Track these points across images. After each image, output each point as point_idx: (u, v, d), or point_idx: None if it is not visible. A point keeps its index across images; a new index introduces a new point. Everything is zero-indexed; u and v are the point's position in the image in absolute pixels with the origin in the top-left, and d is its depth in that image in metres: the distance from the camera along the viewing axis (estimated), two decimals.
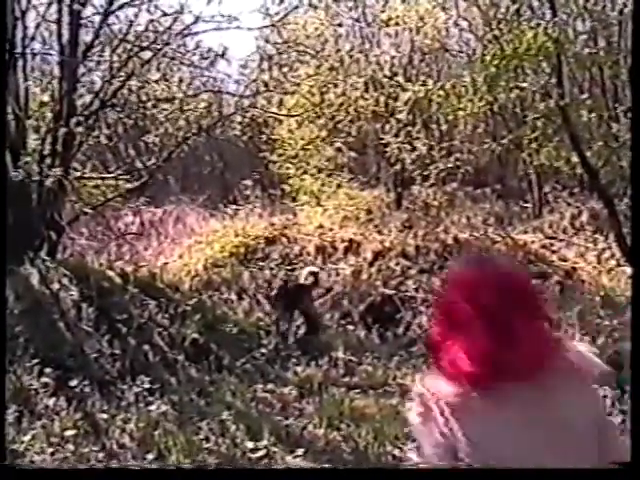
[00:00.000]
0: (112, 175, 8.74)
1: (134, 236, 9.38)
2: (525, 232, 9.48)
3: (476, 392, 1.54)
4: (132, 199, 9.04)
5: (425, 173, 10.79)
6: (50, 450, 4.15)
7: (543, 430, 1.54)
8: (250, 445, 4.45)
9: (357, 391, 5.39)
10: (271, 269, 8.32)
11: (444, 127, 11.71)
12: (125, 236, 9.14)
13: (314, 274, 6.69)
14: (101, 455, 4.22)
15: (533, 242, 8.89)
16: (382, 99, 11.09)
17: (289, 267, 8.22)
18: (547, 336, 1.60)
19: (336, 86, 10.99)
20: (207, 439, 4.57)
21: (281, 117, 10.52)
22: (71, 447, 4.22)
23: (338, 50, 11.33)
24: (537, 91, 7.96)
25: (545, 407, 1.54)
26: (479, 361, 1.53)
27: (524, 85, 7.96)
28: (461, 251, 8.25)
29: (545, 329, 1.61)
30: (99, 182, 8.54)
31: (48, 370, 5.09)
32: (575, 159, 7.60)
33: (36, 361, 5.16)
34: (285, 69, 11.41)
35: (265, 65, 12.02)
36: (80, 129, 7.31)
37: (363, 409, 5.07)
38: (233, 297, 7.74)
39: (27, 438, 4.22)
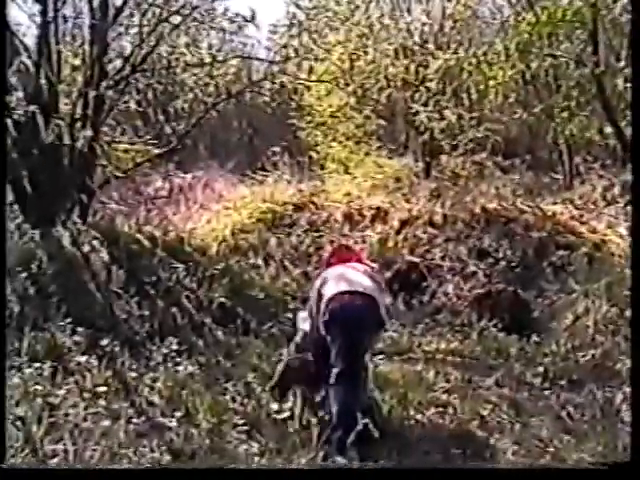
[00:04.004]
0: (142, 140, 8.80)
1: (163, 201, 9.47)
2: (554, 203, 9.37)
3: None
4: (161, 164, 9.11)
5: (454, 142, 10.71)
6: (83, 405, 4.28)
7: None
8: (275, 407, 4.54)
9: (381, 357, 5.44)
10: (298, 236, 8.36)
11: (474, 96, 11.52)
12: (154, 201, 9.23)
13: None
14: (131, 411, 4.34)
15: (562, 213, 8.79)
16: (412, 67, 10.96)
17: (316, 234, 8.26)
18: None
19: (366, 53, 10.90)
20: (233, 400, 4.67)
21: (310, 84, 10.46)
22: (102, 403, 4.35)
23: (368, 17, 11.19)
24: (571, 59, 7.81)
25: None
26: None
27: (557, 53, 7.82)
28: (489, 220, 8.22)
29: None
30: (129, 147, 8.61)
31: (80, 329, 5.23)
32: (608, 130, 7.47)
33: (68, 320, 5.29)
34: (315, 35, 11.33)
35: (295, 31, 11.94)
36: (110, 93, 7.36)
37: (387, 374, 5.12)
38: (260, 262, 7.80)
39: (62, 392, 4.36)
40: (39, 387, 4.40)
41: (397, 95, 11.49)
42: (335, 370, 4.23)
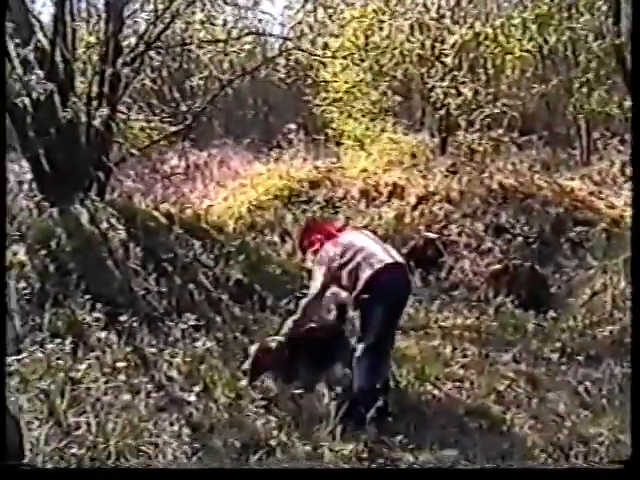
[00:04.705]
0: (157, 117, 8.80)
1: (179, 178, 9.50)
2: (572, 179, 9.30)
3: None
4: (177, 142, 9.12)
5: (470, 118, 10.60)
6: (103, 379, 4.35)
7: None
8: None
9: (398, 332, 5.44)
10: (314, 212, 8.37)
11: (491, 71, 11.39)
12: (171, 178, 9.26)
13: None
14: (150, 386, 4.40)
15: (580, 189, 8.72)
16: (428, 42, 10.83)
17: (332, 210, 8.26)
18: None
19: (381, 29, 10.78)
20: None
21: (325, 60, 10.38)
22: (122, 377, 4.42)
23: None
24: (591, 31, 7.68)
25: None
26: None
27: (577, 25, 7.70)
28: (506, 197, 8.18)
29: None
30: (145, 124, 8.62)
31: (99, 305, 5.29)
32: (628, 103, 7.37)
33: (88, 297, 5.36)
34: (330, 11, 11.22)
35: (309, 7, 11.82)
36: (126, 71, 7.36)
37: (404, 350, 5.15)
38: (276, 239, 7.83)
39: (83, 367, 4.42)
40: (61, 362, 4.48)
41: (413, 71, 11.37)
42: (362, 345, 4.19)
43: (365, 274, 4.19)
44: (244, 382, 4.41)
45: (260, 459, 3.74)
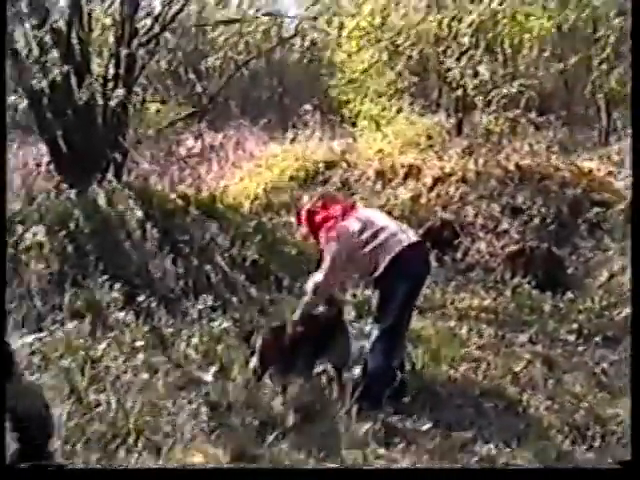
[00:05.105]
0: (173, 99, 8.82)
1: (195, 160, 9.51)
2: (590, 160, 9.20)
3: None
4: (193, 123, 9.12)
5: (487, 99, 10.50)
6: (122, 358, 4.40)
7: None
8: None
9: (414, 313, 5.44)
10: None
11: (508, 51, 11.26)
12: (187, 160, 9.28)
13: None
14: (168, 365, 4.45)
15: (599, 170, 8.63)
16: (445, 22, 10.72)
17: (348, 191, 8.24)
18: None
19: (398, 8, 10.68)
20: None
21: (341, 41, 10.32)
22: (141, 356, 4.47)
23: None
24: (611, 8, 7.56)
25: None
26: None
27: (597, 3, 7.58)
28: (523, 178, 8.11)
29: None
30: (160, 106, 8.65)
31: (117, 286, 5.35)
32: None
33: (106, 277, 5.41)
34: None
35: None
36: (141, 52, 7.38)
37: (420, 331, 5.15)
38: (292, 220, 7.82)
39: (102, 346, 4.49)
40: (80, 341, 4.54)
41: (429, 51, 11.27)
42: (380, 326, 4.17)
43: (388, 254, 4.10)
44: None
45: (276, 438, 3.77)
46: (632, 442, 2.65)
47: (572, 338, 5.32)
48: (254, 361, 4.21)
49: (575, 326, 5.48)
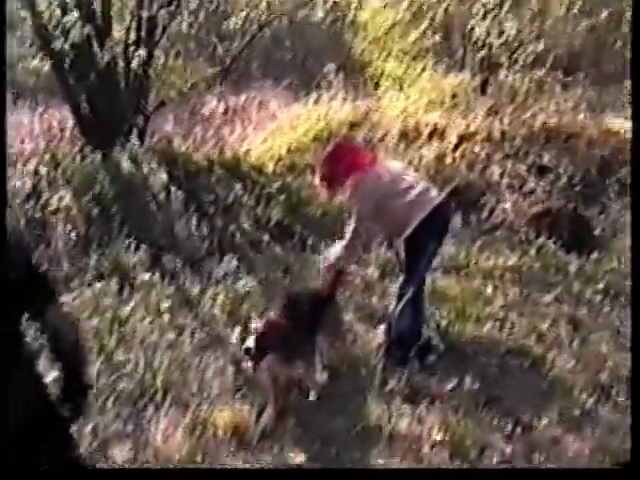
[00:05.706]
0: (195, 61, 8.77)
1: (219, 121, 9.48)
2: (625, 118, 8.99)
3: None
4: (215, 85, 9.07)
5: (513, 57, 10.29)
6: (149, 319, 4.46)
7: None
8: None
9: (439, 272, 5.44)
10: None
11: (535, 8, 10.98)
12: (210, 121, 9.26)
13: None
14: (194, 324, 4.51)
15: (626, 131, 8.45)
16: None
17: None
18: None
19: None
20: None
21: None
22: (167, 317, 4.53)
23: None
24: None
25: None
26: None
27: None
28: (549, 137, 7.98)
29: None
30: (183, 68, 8.61)
31: (143, 247, 5.40)
32: None
33: (131, 239, 5.47)
34: None
35: None
36: (162, 13, 7.32)
37: (445, 290, 5.14)
38: (317, 180, 7.78)
39: (128, 308, 4.55)
40: (108, 302, 4.60)
41: (454, 9, 11.04)
42: (412, 286, 4.12)
43: (422, 212, 4.02)
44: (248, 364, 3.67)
45: (299, 397, 3.83)
46: (632, 442, 2.64)
47: (598, 299, 5.28)
48: (249, 341, 3.55)
49: (601, 286, 5.43)
